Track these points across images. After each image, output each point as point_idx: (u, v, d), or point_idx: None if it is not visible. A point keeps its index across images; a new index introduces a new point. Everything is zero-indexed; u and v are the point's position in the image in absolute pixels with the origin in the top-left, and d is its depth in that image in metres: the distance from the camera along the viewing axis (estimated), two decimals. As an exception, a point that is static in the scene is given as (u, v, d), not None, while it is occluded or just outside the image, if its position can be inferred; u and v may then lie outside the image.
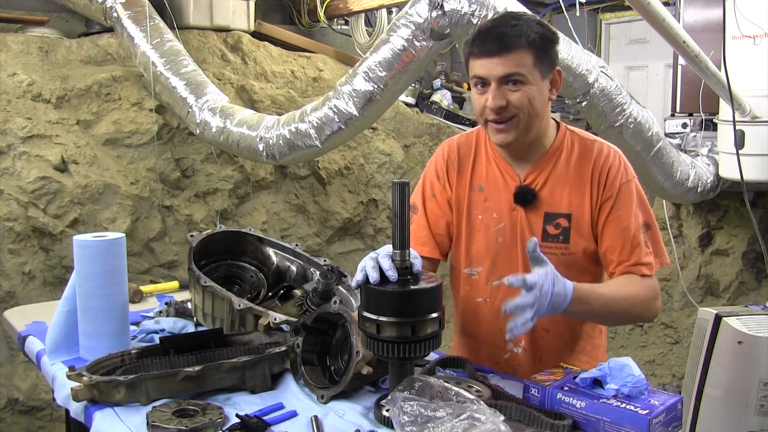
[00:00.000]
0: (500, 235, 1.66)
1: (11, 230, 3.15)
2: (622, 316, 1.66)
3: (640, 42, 5.67)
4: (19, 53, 3.65)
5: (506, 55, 1.49)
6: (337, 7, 4.92)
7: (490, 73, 1.51)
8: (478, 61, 1.53)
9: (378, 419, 1.39)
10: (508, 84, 1.51)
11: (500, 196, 1.66)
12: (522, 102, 1.52)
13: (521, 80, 1.51)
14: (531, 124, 1.56)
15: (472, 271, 1.71)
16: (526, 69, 1.50)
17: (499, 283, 1.67)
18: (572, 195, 1.62)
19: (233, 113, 3.37)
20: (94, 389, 1.43)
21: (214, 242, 2.04)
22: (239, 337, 1.71)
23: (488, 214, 1.67)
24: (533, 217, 1.63)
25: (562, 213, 1.62)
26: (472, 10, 2.70)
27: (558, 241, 1.62)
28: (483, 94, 1.54)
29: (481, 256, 1.69)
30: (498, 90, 1.51)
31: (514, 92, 1.52)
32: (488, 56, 1.51)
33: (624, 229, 1.59)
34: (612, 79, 3.14)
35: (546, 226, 1.62)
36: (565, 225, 1.61)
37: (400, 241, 1.32)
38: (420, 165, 4.67)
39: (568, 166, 1.63)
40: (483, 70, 1.52)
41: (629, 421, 1.27)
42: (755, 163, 3.50)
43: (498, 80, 1.51)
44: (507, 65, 1.50)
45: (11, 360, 3.15)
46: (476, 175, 1.70)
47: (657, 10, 2.42)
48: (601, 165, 1.61)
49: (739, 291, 4.30)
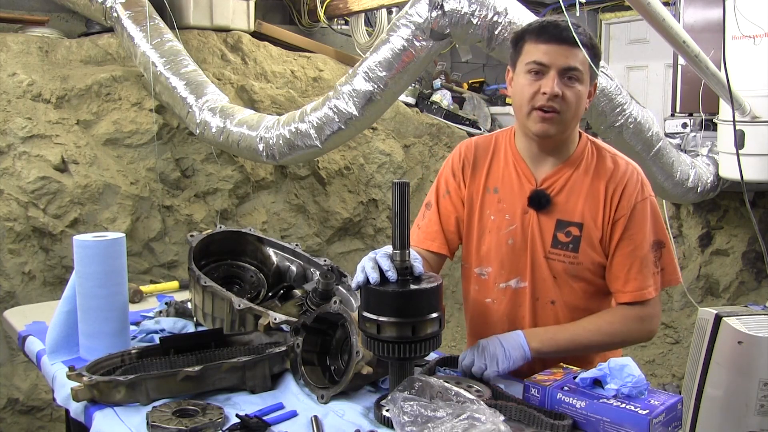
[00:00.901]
0: (511, 237, 1.66)
1: (11, 230, 3.15)
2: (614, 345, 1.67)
3: (640, 42, 5.67)
4: (19, 53, 3.66)
5: (572, 49, 1.53)
6: (337, 7, 4.92)
7: (554, 62, 1.53)
8: (542, 47, 1.54)
9: (378, 419, 1.39)
10: (564, 77, 1.53)
11: (514, 199, 1.66)
12: (573, 98, 1.54)
13: (577, 77, 1.54)
14: (570, 123, 1.59)
15: (482, 271, 1.71)
16: (584, 68, 1.55)
17: (505, 285, 1.67)
18: (586, 206, 1.61)
19: (233, 113, 3.37)
20: (94, 389, 1.43)
21: (214, 242, 2.04)
22: (239, 337, 1.71)
23: (501, 215, 1.67)
24: (545, 222, 1.63)
25: (574, 222, 1.61)
26: (472, 10, 2.70)
27: (567, 249, 1.61)
28: (537, 81, 1.55)
29: (490, 257, 1.69)
30: (558, 79, 1.53)
31: (570, 88, 1.54)
32: (555, 43, 1.53)
33: (635, 248, 1.58)
34: (612, 79, 3.14)
35: (557, 233, 1.62)
36: (576, 234, 1.61)
37: (400, 241, 1.32)
38: (420, 165, 4.67)
39: (586, 177, 1.63)
40: (546, 57, 1.53)
41: (629, 421, 1.27)
42: (755, 163, 3.49)
43: (559, 70, 1.53)
44: (571, 58, 1.53)
45: (11, 360, 3.15)
46: (492, 176, 1.71)
47: (657, 10, 2.42)
48: (617, 181, 1.61)
49: (739, 291, 4.30)
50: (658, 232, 1.61)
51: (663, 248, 1.62)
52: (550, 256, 1.62)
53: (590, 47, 1.56)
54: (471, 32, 2.79)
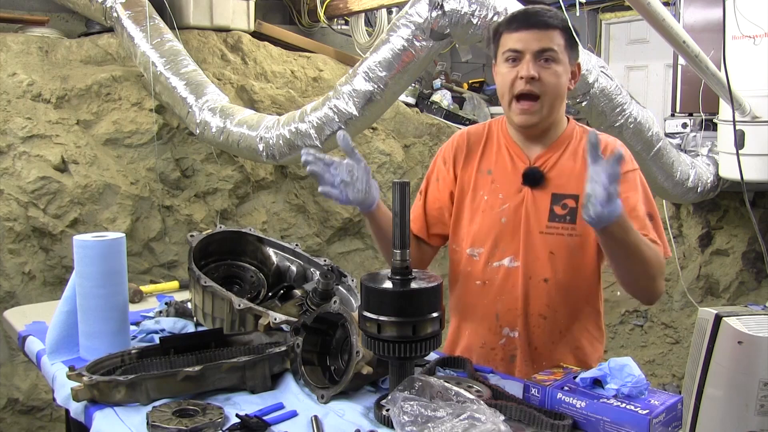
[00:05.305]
0: (503, 216, 1.68)
1: (11, 230, 3.15)
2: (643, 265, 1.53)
3: (640, 42, 5.66)
4: (19, 53, 3.66)
5: (544, 31, 1.58)
6: (337, 7, 4.92)
7: (527, 47, 1.58)
8: (514, 35, 1.60)
9: (378, 419, 1.39)
10: (540, 60, 1.58)
11: (508, 178, 1.69)
12: (551, 80, 1.58)
13: (554, 57, 1.58)
14: (554, 106, 1.62)
15: (474, 252, 1.72)
16: (559, 48, 1.59)
17: (499, 264, 1.68)
18: (580, 177, 1.61)
19: (233, 113, 3.37)
20: (94, 389, 1.43)
21: (214, 242, 2.04)
22: (239, 337, 1.71)
23: (494, 195, 1.70)
24: (540, 197, 1.65)
25: (569, 194, 1.63)
26: (472, 10, 2.70)
27: (565, 221, 1.63)
28: (514, 68, 1.60)
29: (483, 236, 1.70)
30: (533, 62, 1.57)
31: (546, 69, 1.58)
32: (526, 30, 1.58)
33: (632, 209, 1.57)
34: (612, 79, 3.14)
35: (553, 206, 1.64)
36: (572, 205, 1.63)
37: (400, 241, 1.32)
38: (420, 165, 4.67)
39: (576, 154, 1.66)
40: (520, 44, 1.59)
41: (629, 421, 1.27)
42: (755, 163, 3.49)
43: (534, 53, 1.58)
44: (544, 41, 1.58)
45: (11, 360, 3.15)
46: (485, 159, 1.74)
47: (657, 10, 2.42)
48: (609, 152, 1.60)
49: (739, 291, 4.30)
50: (648, 204, 1.63)
51: (653, 221, 1.62)
52: (547, 231, 1.64)
53: (562, 28, 1.60)
54: (471, 32, 2.79)
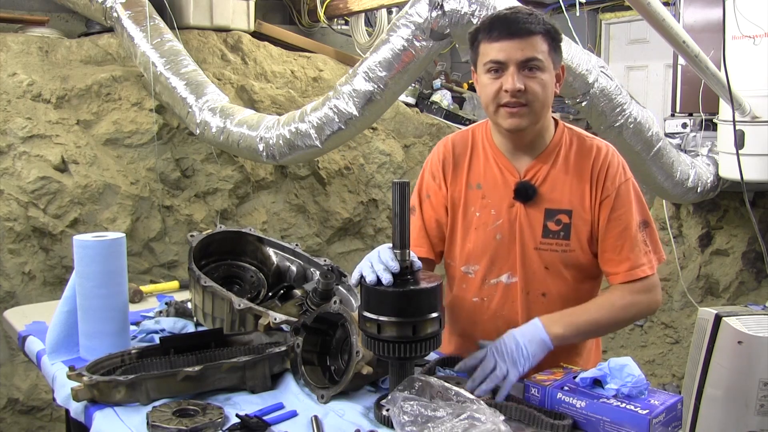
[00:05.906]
0: (498, 232, 1.65)
1: (11, 230, 3.15)
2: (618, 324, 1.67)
3: (640, 42, 5.66)
4: (19, 53, 3.65)
5: (526, 39, 1.50)
6: (337, 7, 4.91)
7: (510, 57, 1.51)
8: (496, 45, 1.52)
9: (378, 419, 1.39)
10: (524, 70, 1.51)
11: (499, 192, 1.65)
12: (538, 89, 1.52)
13: (539, 66, 1.52)
14: (541, 113, 1.57)
15: (469, 270, 1.70)
16: (543, 55, 1.52)
17: (496, 281, 1.66)
18: (573, 191, 1.61)
19: (233, 113, 3.37)
20: (94, 389, 1.43)
21: (214, 242, 2.04)
22: (239, 337, 1.71)
23: (486, 211, 1.66)
24: (533, 213, 1.63)
25: (563, 209, 1.61)
26: (472, 10, 2.70)
27: (559, 237, 1.61)
28: (497, 79, 1.53)
29: (478, 254, 1.68)
30: (517, 74, 1.51)
31: (532, 78, 1.52)
32: (508, 39, 1.51)
33: (624, 228, 1.59)
34: (612, 79, 3.14)
35: (547, 222, 1.62)
36: (566, 221, 1.61)
37: (400, 241, 1.32)
38: (420, 165, 4.66)
39: (568, 163, 1.63)
40: (502, 54, 1.51)
41: (629, 421, 1.27)
42: (755, 163, 3.49)
43: (518, 64, 1.51)
44: (527, 50, 1.50)
45: (11, 360, 3.15)
46: (473, 172, 1.69)
47: (657, 10, 2.42)
48: (600, 163, 1.61)
49: (739, 291, 4.30)
50: (642, 211, 1.63)
51: (648, 228, 1.63)
52: (542, 247, 1.62)
53: (545, 33, 1.53)
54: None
